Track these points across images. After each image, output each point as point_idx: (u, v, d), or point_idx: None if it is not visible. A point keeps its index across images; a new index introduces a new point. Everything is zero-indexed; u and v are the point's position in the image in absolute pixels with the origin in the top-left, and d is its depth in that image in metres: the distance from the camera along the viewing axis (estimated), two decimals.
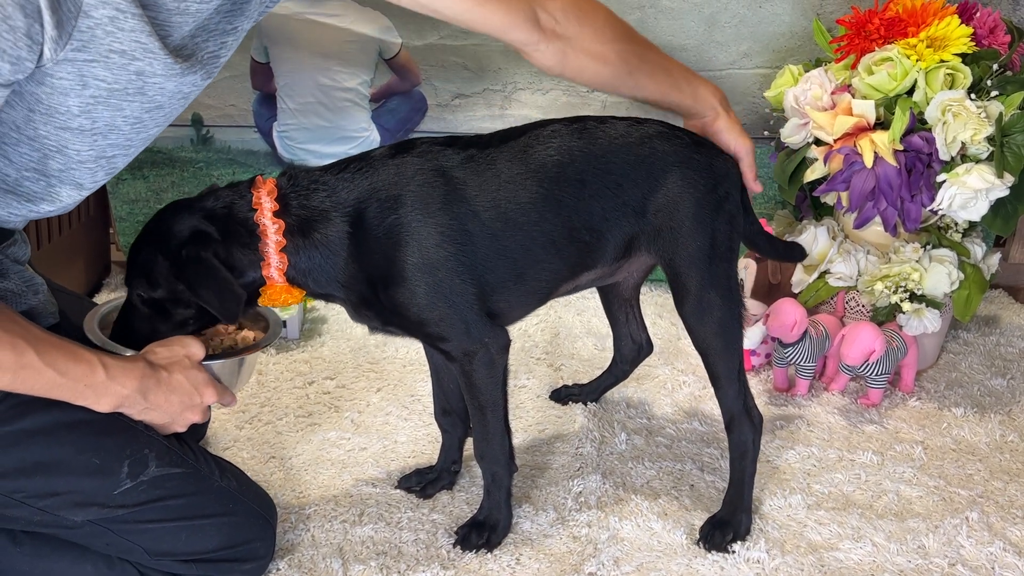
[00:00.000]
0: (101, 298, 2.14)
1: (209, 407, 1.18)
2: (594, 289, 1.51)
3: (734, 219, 1.28)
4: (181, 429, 1.16)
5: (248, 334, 1.33)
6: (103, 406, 1.05)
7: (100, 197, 2.24)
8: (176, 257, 1.13)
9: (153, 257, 1.14)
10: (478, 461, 1.30)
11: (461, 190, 1.18)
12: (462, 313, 1.19)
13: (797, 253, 1.53)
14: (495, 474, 1.29)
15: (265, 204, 1.15)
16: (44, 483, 1.05)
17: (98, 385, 1.03)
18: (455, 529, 1.32)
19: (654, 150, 1.24)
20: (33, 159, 1.01)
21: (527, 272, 1.23)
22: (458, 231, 1.17)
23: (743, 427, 1.31)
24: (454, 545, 1.29)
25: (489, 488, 1.30)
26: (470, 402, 1.26)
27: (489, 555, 1.27)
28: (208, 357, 1.18)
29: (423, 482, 1.43)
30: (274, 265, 1.15)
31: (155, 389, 1.09)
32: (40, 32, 0.87)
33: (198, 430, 1.46)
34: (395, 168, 1.18)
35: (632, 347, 1.63)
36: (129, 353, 1.17)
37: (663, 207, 1.24)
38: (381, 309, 1.21)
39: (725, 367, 1.29)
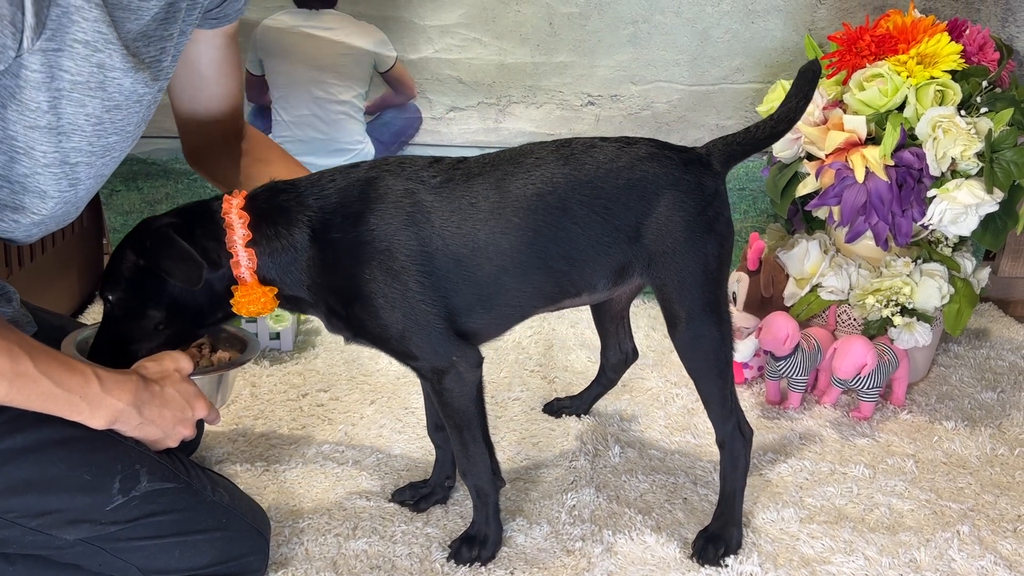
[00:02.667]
0: (94, 309, 2.14)
1: (197, 421, 1.18)
2: None
3: (725, 240, 1.26)
4: (173, 444, 1.15)
5: (224, 355, 1.33)
6: (98, 421, 1.04)
7: (94, 208, 2.23)
8: (141, 243, 1.15)
9: (122, 254, 1.17)
10: (461, 477, 1.30)
11: (428, 213, 1.16)
12: (426, 332, 1.18)
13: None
14: (480, 489, 1.29)
15: (233, 201, 1.17)
16: (36, 501, 1.04)
17: (93, 397, 1.02)
18: (449, 543, 1.32)
19: (645, 173, 1.21)
20: (1, 162, 1.00)
21: (496, 299, 1.21)
22: (418, 252, 1.15)
23: (735, 444, 1.31)
24: (447, 559, 1.29)
25: (476, 503, 1.30)
26: (445, 419, 1.25)
27: (483, 569, 1.27)
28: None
29: (417, 496, 1.43)
30: (244, 264, 1.16)
31: (149, 403, 1.08)
32: (22, 20, 0.87)
33: (190, 444, 1.46)
34: (365, 184, 1.18)
35: (619, 356, 1.64)
36: None
37: (656, 231, 1.22)
38: (348, 322, 1.21)
39: (717, 391, 1.29)
